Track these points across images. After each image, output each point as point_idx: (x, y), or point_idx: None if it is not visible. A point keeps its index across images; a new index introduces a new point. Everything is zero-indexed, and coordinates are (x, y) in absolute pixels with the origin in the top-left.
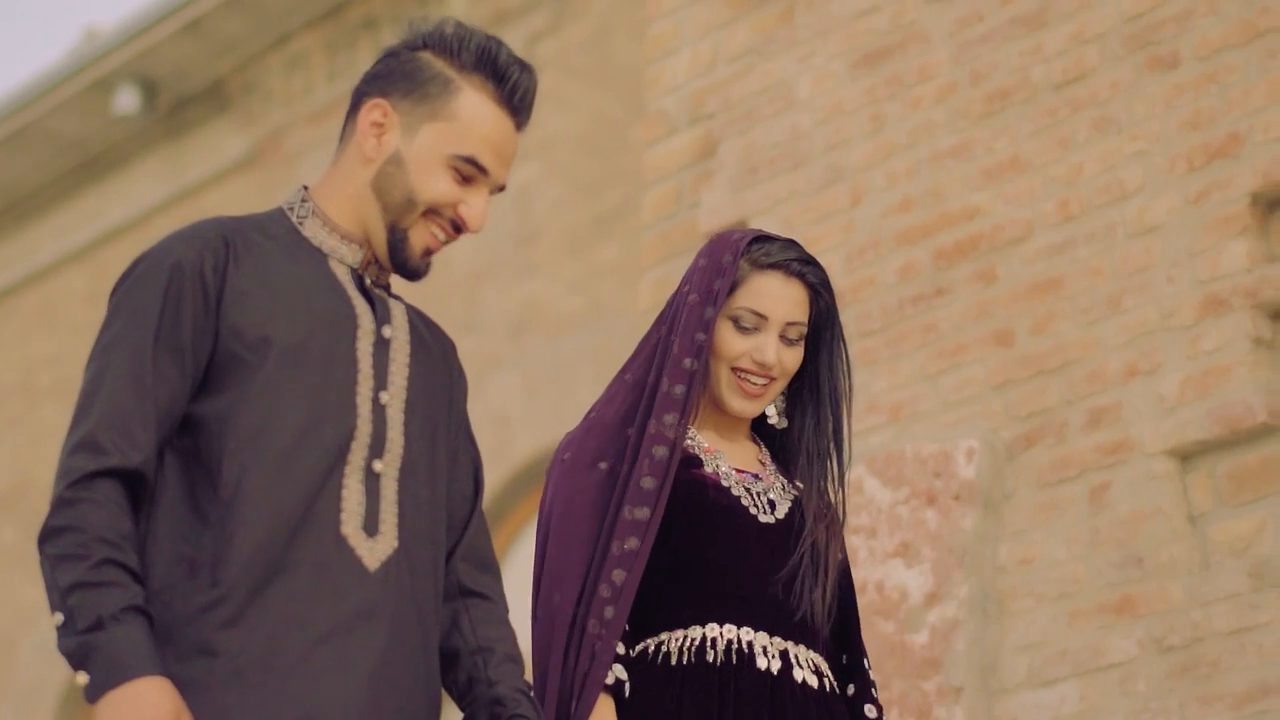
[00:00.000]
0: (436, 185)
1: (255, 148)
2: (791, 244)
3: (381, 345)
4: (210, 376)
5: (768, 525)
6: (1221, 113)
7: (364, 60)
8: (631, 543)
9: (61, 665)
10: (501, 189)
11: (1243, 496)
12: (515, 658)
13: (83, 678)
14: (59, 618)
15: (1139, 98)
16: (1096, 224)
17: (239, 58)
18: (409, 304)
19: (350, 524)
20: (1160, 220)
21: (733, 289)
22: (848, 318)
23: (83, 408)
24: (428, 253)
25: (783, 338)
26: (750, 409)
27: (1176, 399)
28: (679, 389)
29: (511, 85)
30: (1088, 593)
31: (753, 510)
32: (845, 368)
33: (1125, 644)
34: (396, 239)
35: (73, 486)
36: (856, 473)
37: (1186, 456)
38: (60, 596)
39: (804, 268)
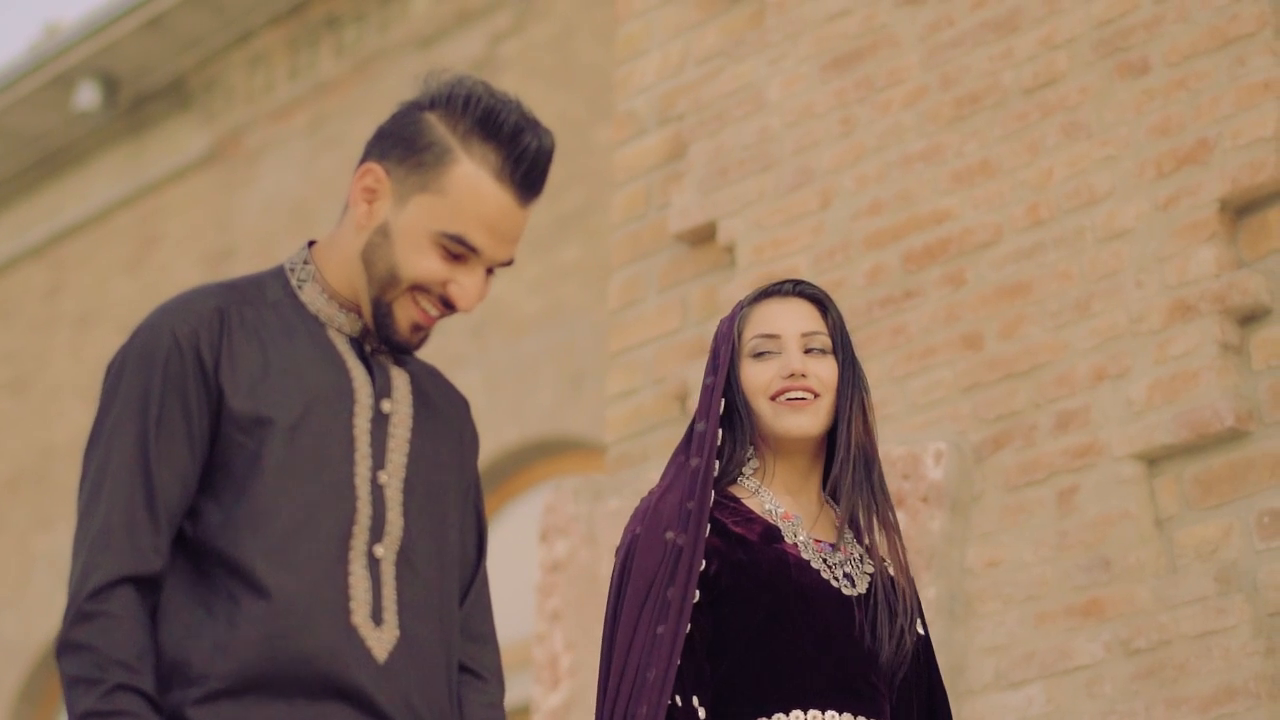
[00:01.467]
0: (422, 263)
1: (216, 145)
2: (782, 282)
3: (380, 421)
4: (211, 460)
5: (849, 599)
6: (1191, 119)
7: (326, 59)
8: (662, 628)
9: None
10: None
11: (1210, 501)
12: None
13: None
14: None
15: (1109, 103)
16: (1066, 228)
17: (200, 55)
18: (419, 364)
19: (360, 614)
20: (1129, 225)
21: (741, 335)
22: None
23: (91, 501)
24: (417, 328)
25: (806, 351)
26: (803, 424)
27: (1144, 403)
28: (695, 461)
29: (517, 157)
30: (1055, 595)
31: (834, 583)
32: (852, 385)
33: (1092, 646)
34: (381, 313)
35: (92, 599)
36: None
37: (1154, 460)
38: None
39: (798, 286)
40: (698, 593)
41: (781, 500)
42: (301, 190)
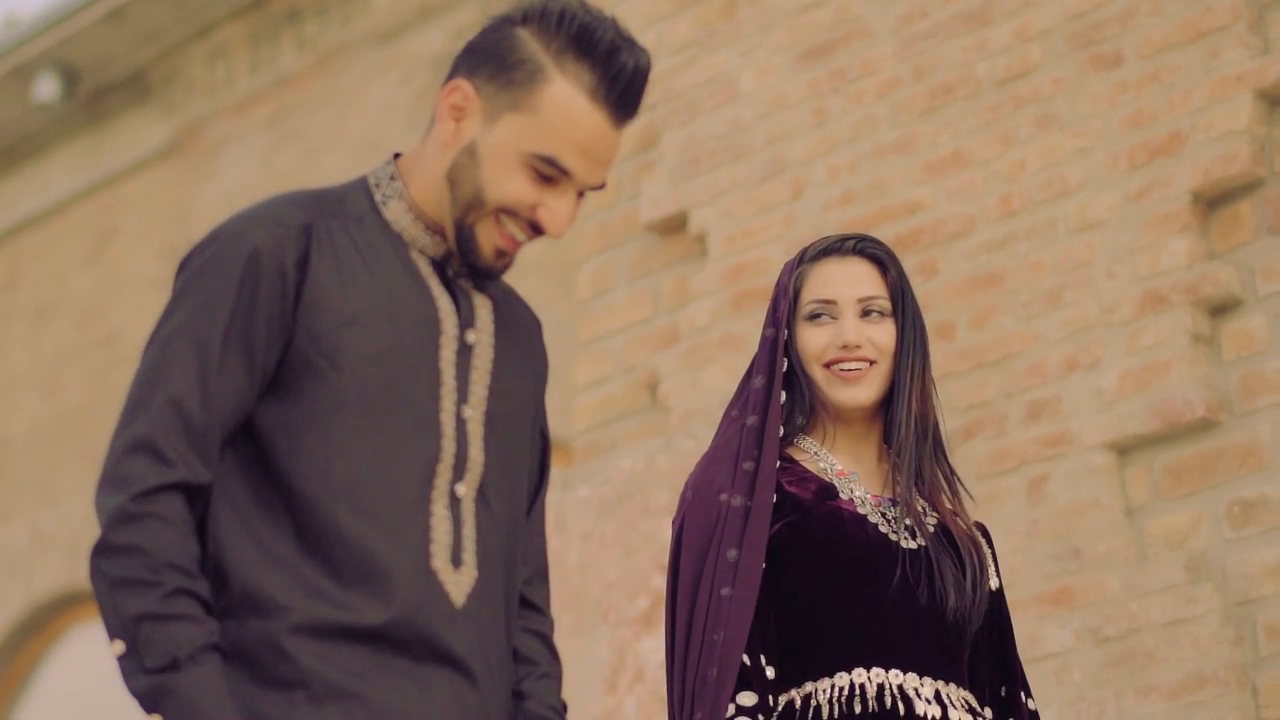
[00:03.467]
0: (510, 185)
1: (175, 138)
2: (846, 234)
3: (464, 352)
4: (279, 380)
5: (912, 552)
6: (1163, 111)
7: (287, 52)
8: (725, 590)
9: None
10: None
11: (1180, 490)
12: (553, 674)
13: None
14: (120, 646)
15: (1081, 95)
16: (1038, 219)
17: (161, 47)
18: (498, 285)
19: (440, 557)
20: (1101, 217)
21: (798, 295)
22: None
23: (140, 399)
24: (501, 254)
25: (864, 317)
26: (857, 395)
27: (1116, 393)
28: (768, 428)
29: (613, 76)
30: (1025, 583)
31: (893, 537)
32: (917, 340)
33: (1062, 634)
34: (463, 236)
35: (137, 499)
36: None
37: (1125, 450)
38: (123, 624)
39: (859, 243)
40: None
41: (839, 458)
42: (262, 184)
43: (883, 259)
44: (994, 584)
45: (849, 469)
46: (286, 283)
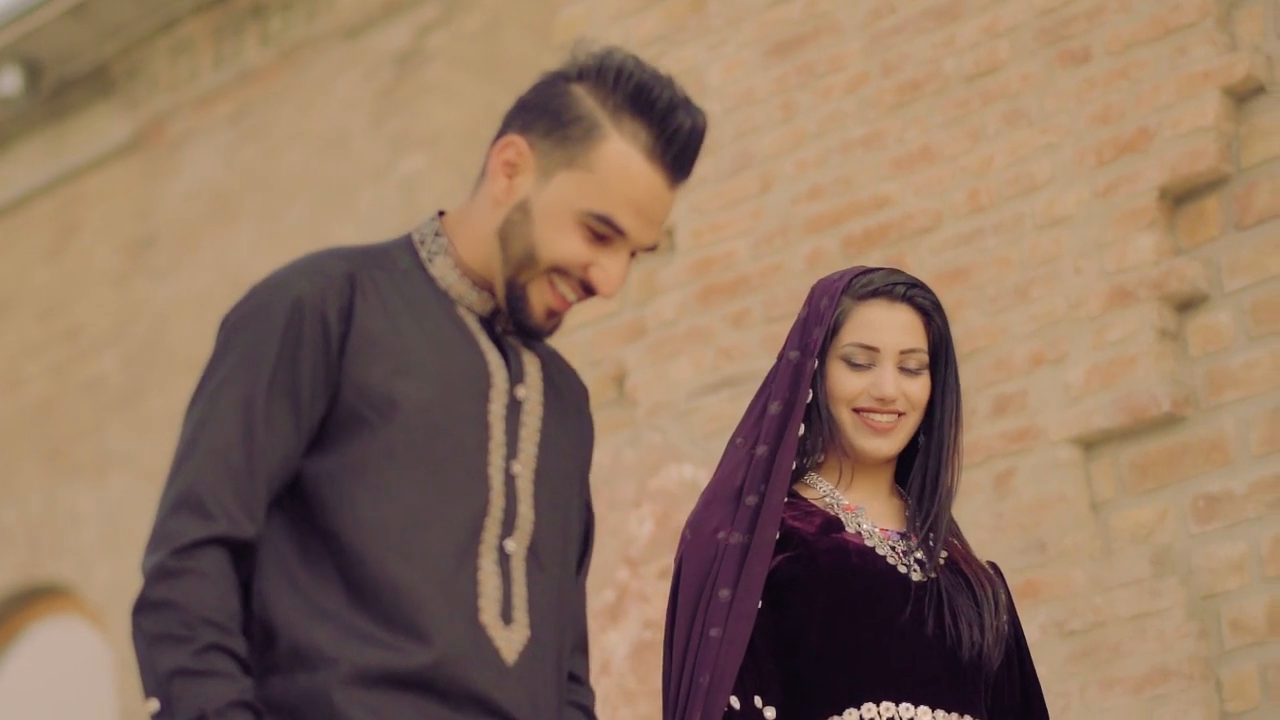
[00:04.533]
0: (563, 243)
1: (138, 132)
2: (894, 271)
3: (514, 407)
4: (326, 433)
5: (920, 584)
6: (1131, 107)
7: (251, 47)
8: (715, 631)
9: None
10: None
11: (1145, 485)
12: None
13: None
14: (154, 704)
15: (1050, 91)
16: (1005, 215)
17: (124, 41)
18: (544, 347)
19: (489, 612)
20: (1069, 212)
21: (837, 330)
22: (754, 303)
23: (185, 457)
24: (552, 314)
25: (902, 369)
26: (882, 448)
27: (1082, 388)
28: (780, 460)
29: (670, 135)
30: None
31: (901, 569)
32: (956, 398)
33: (1028, 628)
34: (514, 295)
35: (177, 555)
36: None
37: (1091, 445)
38: (158, 681)
39: (910, 290)
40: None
41: (849, 497)
42: (224, 179)
43: (929, 310)
44: (1006, 619)
45: (857, 504)
46: (330, 333)
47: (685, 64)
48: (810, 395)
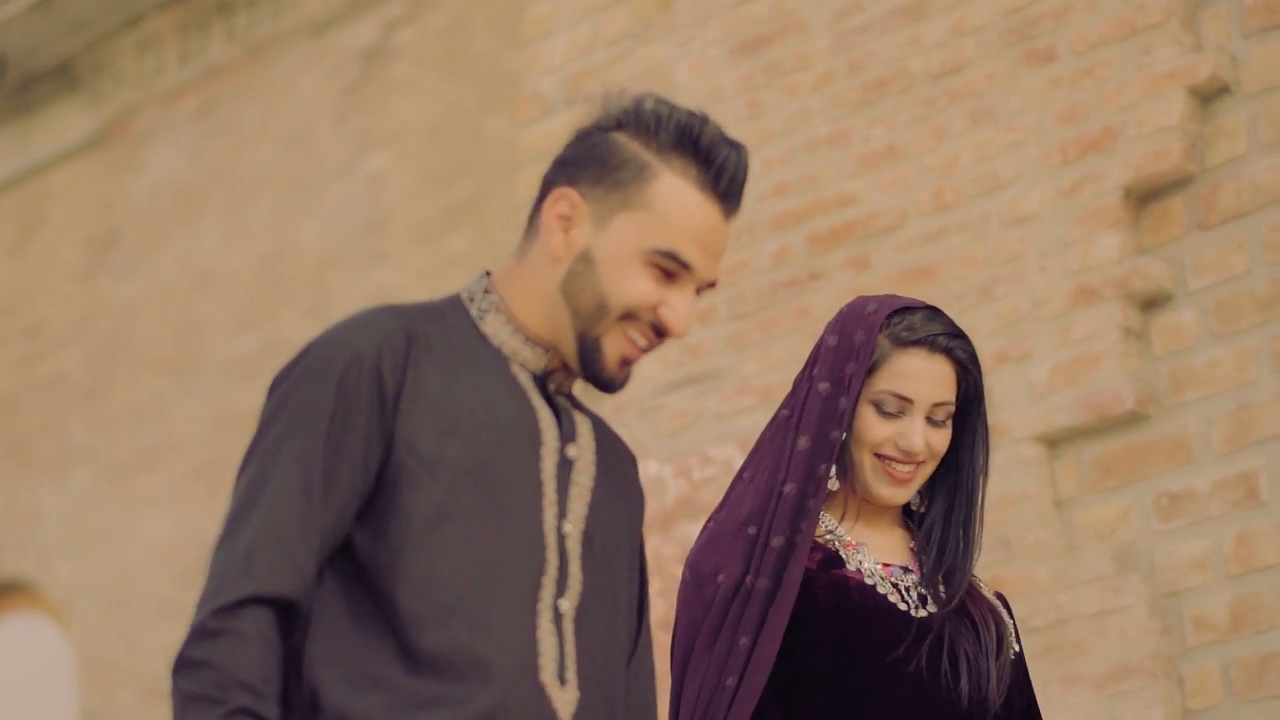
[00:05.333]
0: (631, 286)
1: (103, 128)
2: (935, 314)
3: (565, 466)
4: (379, 492)
5: (920, 620)
6: (1096, 107)
7: (217, 43)
8: (731, 679)
9: None
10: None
11: (1108, 483)
12: None
13: None
14: None
15: (1015, 90)
16: (970, 213)
17: (89, 37)
18: (592, 413)
19: (548, 671)
20: (1033, 211)
21: (871, 371)
22: (721, 299)
23: (238, 517)
24: (625, 362)
25: (929, 419)
26: (899, 496)
27: (1046, 386)
28: (811, 502)
29: (718, 168)
30: None
31: (902, 606)
32: (985, 452)
33: None
34: (588, 348)
35: (218, 615)
36: (727, 452)
37: (1055, 442)
38: None
39: (951, 342)
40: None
41: (851, 530)
42: (189, 175)
43: (966, 363)
44: (1014, 650)
45: (859, 541)
46: (386, 390)
47: (652, 62)
48: (844, 436)
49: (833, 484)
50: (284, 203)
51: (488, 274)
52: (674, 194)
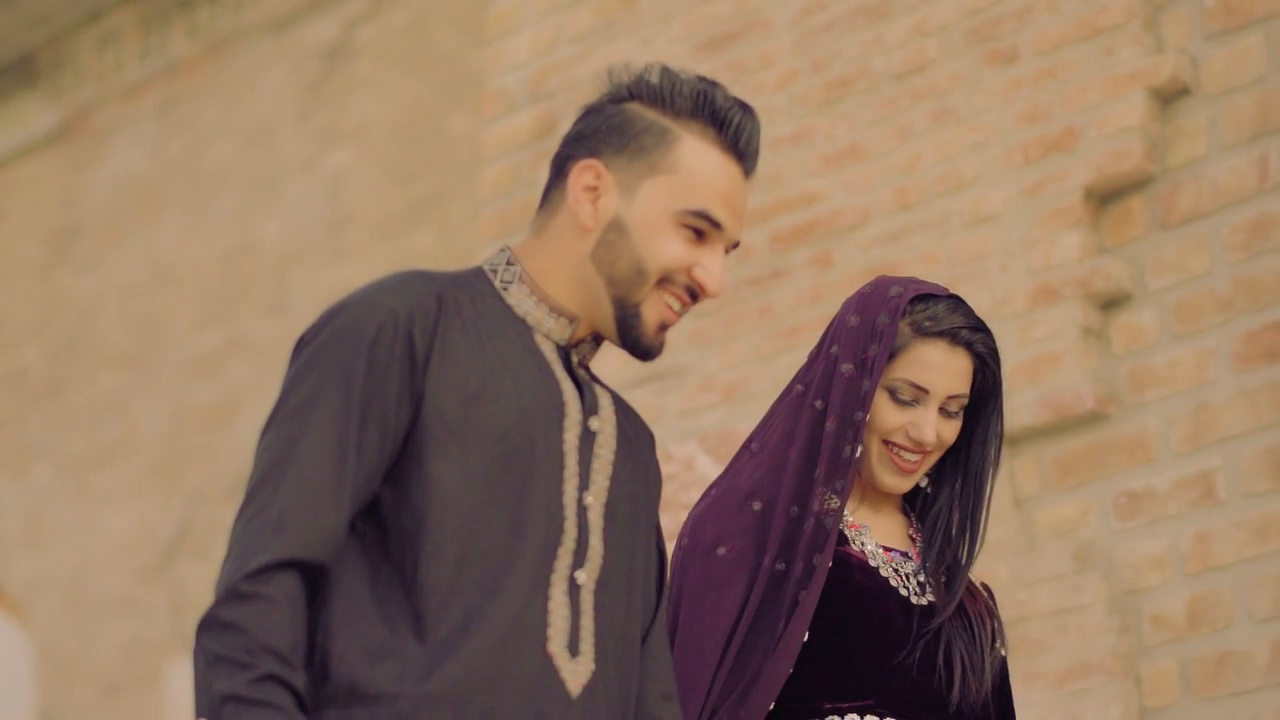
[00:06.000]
0: (666, 248)
1: (64, 123)
2: (958, 304)
3: (588, 438)
4: (403, 455)
5: (920, 608)
6: (1058, 107)
7: (178, 39)
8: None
9: None
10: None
11: (1068, 481)
12: None
13: None
14: None
15: (978, 90)
16: (933, 212)
17: (50, 31)
18: (611, 389)
19: (556, 642)
20: (995, 210)
21: (891, 356)
22: None
23: (268, 478)
24: (663, 327)
25: (942, 410)
26: (902, 485)
27: (1007, 385)
28: (839, 483)
29: (735, 129)
30: None
31: (903, 592)
32: (998, 446)
33: None
34: (627, 316)
35: (250, 578)
36: (688, 450)
37: (1015, 441)
38: (210, 704)
39: (973, 336)
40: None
41: (855, 512)
42: (150, 171)
43: (985, 357)
44: (1002, 654)
45: (861, 522)
46: (416, 352)
47: (616, 59)
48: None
49: (844, 472)
50: (245, 199)
51: (508, 248)
52: (698, 156)
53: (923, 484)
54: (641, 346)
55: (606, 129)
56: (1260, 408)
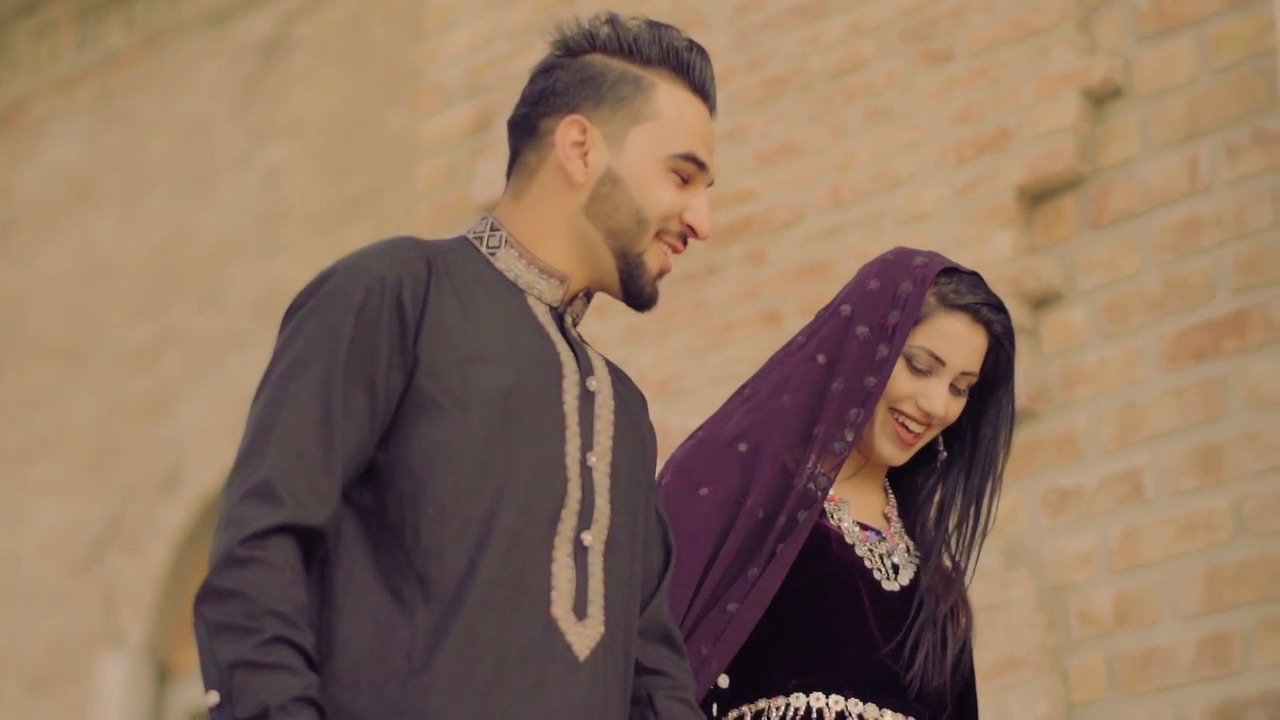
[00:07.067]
0: (661, 195)
1: None
2: (979, 282)
3: (587, 398)
4: (400, 420)
5: (890, 593)
6: (991, 107)
7: (115, 31)
8: (733, 605)
9: None
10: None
11: None
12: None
13: None
14: (214, 697)
15: (912, 90)
16: (866, 211)
17: None
18: (600, 353)
19: (561, 605)
20: (929, 209)
21: (913, 328)
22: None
23: (256, 444)
24: (661, 274)
25: (952, 387)
26: (899, 457)
27: None
28: (839, 445)
29: (697, 70)
30: None
31: (876, 574)
32: (1010, 427)
33: None
34: (631, 265)
35: (246, 543)
36: None
37: None
38: (219, 672)
39: (993, 315)
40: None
41: (839, 485)
42: (85, 163)
43: (1002, 339)
44: (964, 632)
45: (842, 497)
46: (406, 316)
47: None
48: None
49: (848, 433)
50: (180, 193)
51: (490, 216)
52: (674, 100)
53: (939, 453)
54: (645, 295)
55: (578, 83)
56: (1188, 407)
